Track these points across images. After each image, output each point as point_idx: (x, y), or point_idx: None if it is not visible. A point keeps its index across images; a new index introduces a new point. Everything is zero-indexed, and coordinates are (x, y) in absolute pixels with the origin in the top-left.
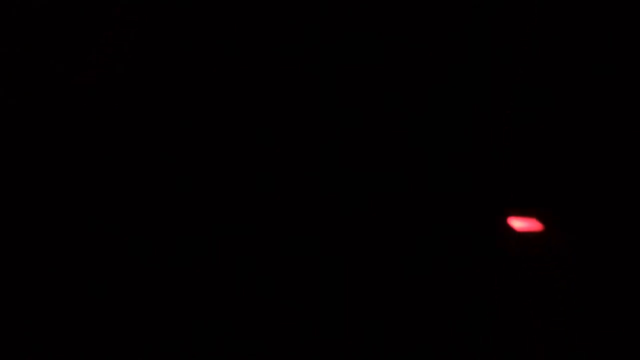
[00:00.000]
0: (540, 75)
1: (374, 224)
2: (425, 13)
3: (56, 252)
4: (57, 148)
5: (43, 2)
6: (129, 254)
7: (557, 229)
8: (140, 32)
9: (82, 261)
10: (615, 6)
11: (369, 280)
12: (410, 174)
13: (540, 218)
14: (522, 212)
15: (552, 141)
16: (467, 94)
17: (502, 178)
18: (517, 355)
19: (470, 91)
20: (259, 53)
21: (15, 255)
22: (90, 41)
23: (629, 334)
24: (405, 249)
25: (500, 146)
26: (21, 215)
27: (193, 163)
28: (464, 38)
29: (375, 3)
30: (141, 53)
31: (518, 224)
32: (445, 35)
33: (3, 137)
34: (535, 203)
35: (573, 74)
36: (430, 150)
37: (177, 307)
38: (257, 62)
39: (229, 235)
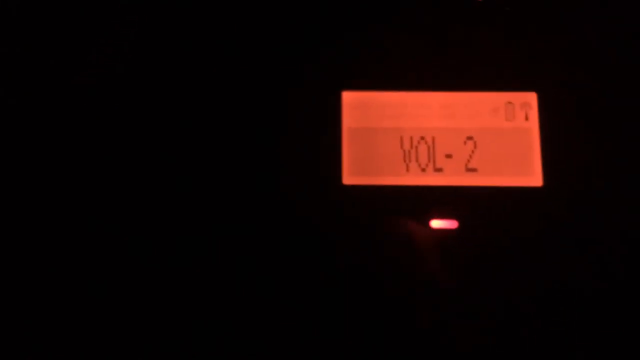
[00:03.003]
0: None
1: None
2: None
3: (56, 252)
4: (57, 148)
5: (43, 2)
6: (129, 254)
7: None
8: (140, 32)
9: (82, 261)
10: None
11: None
12: None
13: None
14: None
15: None
16: None
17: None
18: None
19: None
20: (259, 53)
21: (15, 255)
22: (90, 41)
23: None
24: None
25: None
26: (21, 215)
27: (193, 163)
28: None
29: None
30: (141, 53)
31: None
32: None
33: (3, 137)
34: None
35: None
36: None
37: (177, 307)
38: (257, 62)
39: (229, 235)
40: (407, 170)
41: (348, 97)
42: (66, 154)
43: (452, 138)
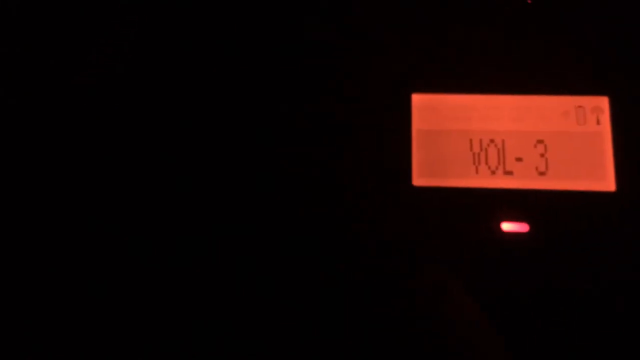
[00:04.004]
0: None
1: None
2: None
3: (56, 252)
4: (57, 148)
5: (43, 2)
6: (129, 254)
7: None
8: (140, 32)
9: (82, 261)
10: None
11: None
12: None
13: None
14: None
15: None
16: None
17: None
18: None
19: None
20: (259, 53)
21: (15, 255)
22: (90, 41)
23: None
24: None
25: None
26: (21, 216)
27: (193, 163)
28: None
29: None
30: (141, 53)
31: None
32: None
33: (3, 137)
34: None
35: None
36: None
37: (177, 307)
38: (257, 62)
39: (229, 235)
40: (477, 172)
41: (418, 100)
42: (67, 154)
43: (522, 141)
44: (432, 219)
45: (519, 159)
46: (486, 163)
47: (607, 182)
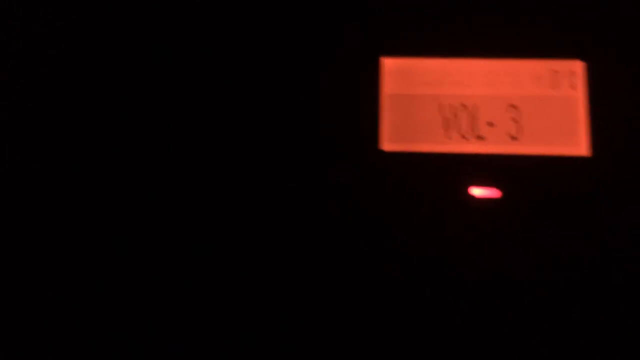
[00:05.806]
0: None
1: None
2: None
3: (56, 252)
4: (57, 148)
5: (43, 2)
6: (129, 254)
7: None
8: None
9: (82, 261)
10: None
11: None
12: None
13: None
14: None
15: None
16: None
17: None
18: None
19: None
20: (297, 19)
21: (15, 255)
22: (90, 40)
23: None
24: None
25: None
26: (21, 216)
27: (193, 163)
28: None
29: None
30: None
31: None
32: None
33: (3, 137)
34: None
35: None
36: None
37: (177, 307)
38: (296, 28)
39: (229, 235)
40: (448, 137)
41: (388, 63)
42: (66, 154)
43: (495, 106)
44: (402, 185)
45: (490, 124)
46: (458, 128)
47: (580, 147)
